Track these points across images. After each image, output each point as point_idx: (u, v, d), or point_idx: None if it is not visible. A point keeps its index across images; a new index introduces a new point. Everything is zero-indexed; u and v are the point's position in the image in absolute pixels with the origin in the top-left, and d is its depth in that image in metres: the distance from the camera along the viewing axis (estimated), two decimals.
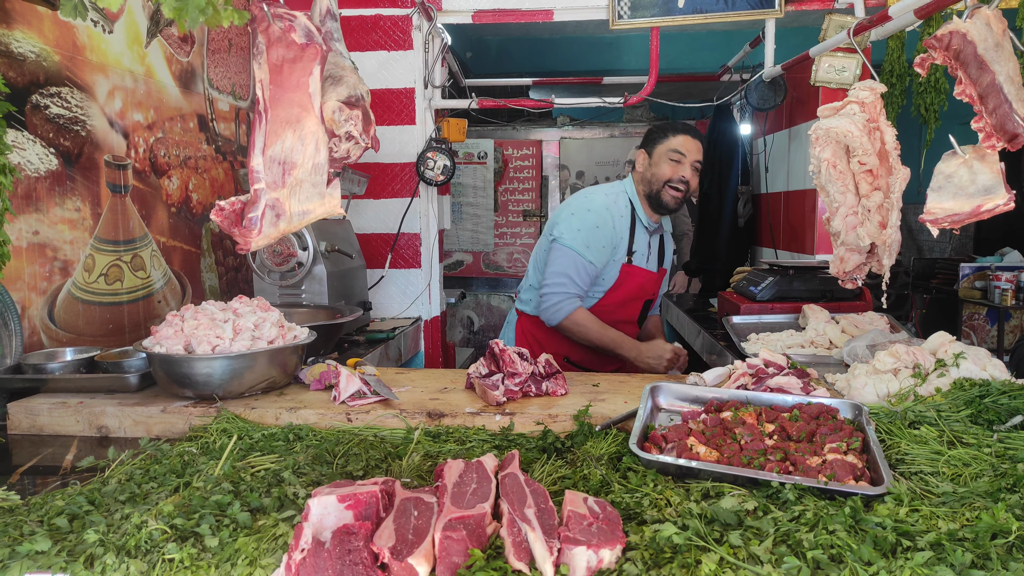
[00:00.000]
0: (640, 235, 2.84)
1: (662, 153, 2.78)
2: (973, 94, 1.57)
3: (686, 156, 2.75)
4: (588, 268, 2.73)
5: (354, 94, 1.47)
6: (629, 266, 2.79)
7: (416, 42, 3.89)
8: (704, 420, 1.55)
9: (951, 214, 1.63)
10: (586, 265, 2.73)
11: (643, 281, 2.85)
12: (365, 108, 1.50)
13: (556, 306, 2.74)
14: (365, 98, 1.51)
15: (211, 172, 3.17)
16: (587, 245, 2.72)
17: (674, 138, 2.78)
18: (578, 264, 2.73)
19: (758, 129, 5.10)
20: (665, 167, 2.76)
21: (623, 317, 2.84)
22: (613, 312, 2.81)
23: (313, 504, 1.08)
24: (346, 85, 1.46)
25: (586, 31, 6.38)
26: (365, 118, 1.49)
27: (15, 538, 1.15)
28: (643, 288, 2.86)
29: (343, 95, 1.45)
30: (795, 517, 1.14)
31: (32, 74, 2.14)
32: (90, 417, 1.83)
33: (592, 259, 2.73)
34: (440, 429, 1.68)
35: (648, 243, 2.87)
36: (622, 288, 2.81)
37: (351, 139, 1.46)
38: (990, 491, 1.23)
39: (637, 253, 2.82)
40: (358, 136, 1.47)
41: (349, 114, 1.44)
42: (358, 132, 1.46)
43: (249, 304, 2.02)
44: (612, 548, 1.02)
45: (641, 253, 2.83)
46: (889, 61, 3.57)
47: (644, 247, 2.85)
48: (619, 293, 2.81)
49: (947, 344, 1.88)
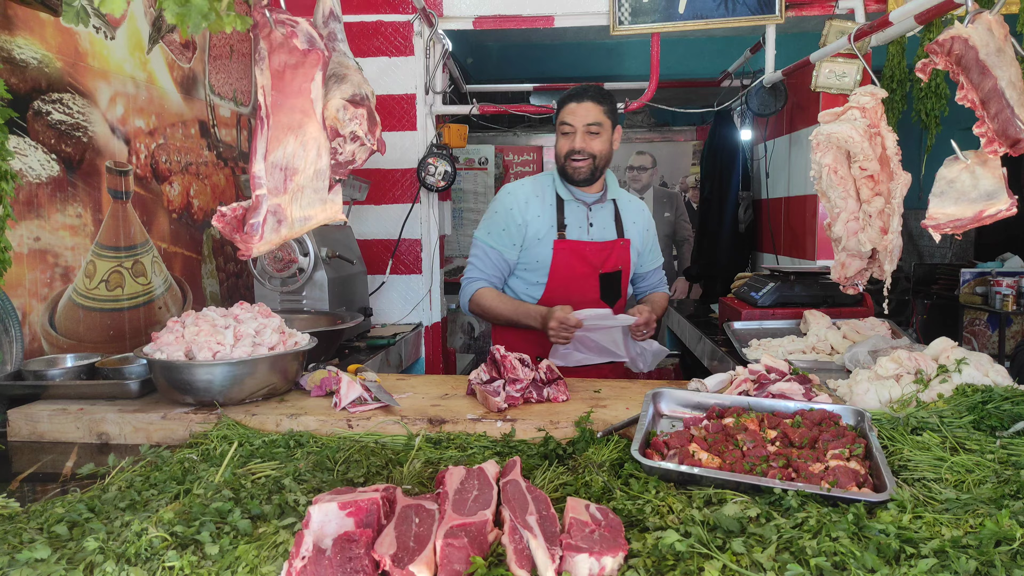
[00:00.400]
0: (572, 209, 2.74)
1: (557, 128, 2.73)
2: (975, 99, 1.57)
3: (575, 124, 2.64)
4: (489, 252, 2.73)
5: (359, 93, 1.46)
6: (562, 241, 2.70)
7: (417, 48, 3.90)
8: (706, 426, 1.54)
9: (953, 219, 1.63)
10: (486, 249, 2.73)
11: (587, 253, 2.73)
12: (370, 108, 1.49)
13: (464, 291, 2.79)
14: (370, 98, 1.50)
15: (212, 178, 3.17)
16: (488, 232, 2.75)
17: (563, 109, 2.69)
18: (478, 250, 2.76)
19: (759, 134, 5.10)
20: (560, 142, 2.70)
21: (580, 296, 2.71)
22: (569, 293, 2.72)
23: (314, 511, 1.07)
24: (351, 83, 1.46)
25: (587, 37, 6.41)
26: (371, 118, 1.49)
27: (15, 546, 1.15)
28: (589, 261, 2.74)
29: (347, 93, 1.44)
30: (798, 524, 1.14)
31: (34, 80, 2.14)
32: (90, 424, 1.82)
33: (493, 243, 2.72)
34: (441, 436, 1.67)
35: (588, 216, 2.76)
36: (564, 265, 2.73)
37: (356, 140, 1.46)
38: (994, 498, 1.22)
39: (570, 227, 2.73)
40: (363, 137, 1.46)
41: (354, 112, 1.43)
42: (363, 132, 1.45)
43: (250, 310, 2.02)
44: (614, 555, 1.02)
45: (578, 226, 2.74)
46: (890, 67, 3.57)
47: (581, 220, 2.75)
48: (563, 270, 2.73)
49: (949, 350, 1.88)
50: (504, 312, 2.67)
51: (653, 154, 6.48)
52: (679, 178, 7.23)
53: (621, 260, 2.82)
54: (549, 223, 2.72)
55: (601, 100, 2.67)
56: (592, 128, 2.64)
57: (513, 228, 2.71)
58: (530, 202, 2.73)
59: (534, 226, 2.71)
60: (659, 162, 6.81)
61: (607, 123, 2.68)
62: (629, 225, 2.85)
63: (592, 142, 2.65)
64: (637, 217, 2.90)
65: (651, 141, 7.13)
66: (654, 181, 6.48)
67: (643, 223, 2.91)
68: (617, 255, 2.80)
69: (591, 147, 2.65)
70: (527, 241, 2.72)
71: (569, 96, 2.69)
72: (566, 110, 2.67)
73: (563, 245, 2.71)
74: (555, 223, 2.72)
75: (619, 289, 2.83)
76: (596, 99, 2.67)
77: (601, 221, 2.80)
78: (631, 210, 2.90)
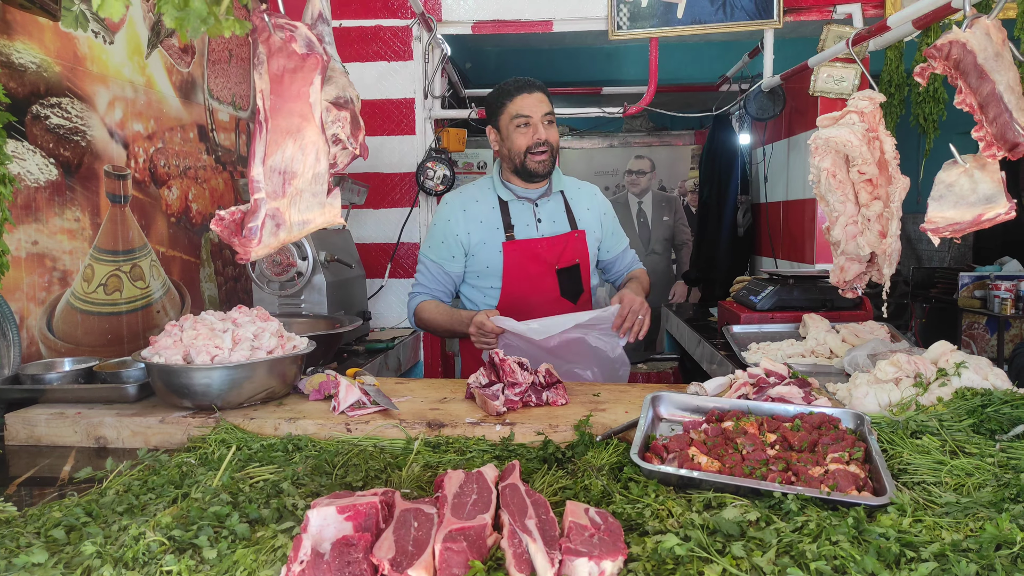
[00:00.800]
0: (518, 208, 2.65)
1: (507, 124, 2.58)
2: (973, 103, 1.57)
3: (532, 115, 2.53)
4: (430, 266, 2.67)
5: (343, 95, 1.46)
6: (511, 242, 2.60)
7: (416, 53, 3.91)
8: (705, 430, 1.54)
9: (952, 223, 1.63)
10: (427, 263, 2.68)
11: (539, 251, 2.63)
12: (354, 112, 1.49)
13: (408, 306, 2.73)
14: (354, 102, 1.50)
15: (211, 182, 3.17)
16: (428, 245, 2.70)
17: (511, 103, 2.56)
18: (421, 265, 2.72)
19: (757, 139, 5.11)
20: (517, 137, 2.56)
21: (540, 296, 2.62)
22: (526, 294, 2.63)
23: (312, 515, 1.07)
24: (335, 86, 1.46)
25: (585, 41, 6.42)
26: (354, 122, 1.48)
27: (11, 550, 1.14)
28: (543, 258, 2.63)
29: (331, 95, 1.44)
30: (798, 528, 1.14)
31: (33, 84, 2.14)
32: (88, 428, 1.82)
33: (433, 257, 2.66)
34: (440, 439, 1.67)
35: (535, 212, 2.66)
36: (516, 266, 2.62)
37: (338, 143, 1.45)
38: (994, 501, 1.22)
39: (518, 227, 2.63)
40: (345, 140, 1.45)
41: (336, 115, 1.43)
42: (345, 135, 1.45)
43: (248, 314, 2.02)
44: (614, 559, 1.02)
45: (525, 224, 2.64)
46: (887, 71, 3.58)
47: (529, 217, 2.65)
48: (516, 271, 2.62)
49: (948, 353, 1.88)
50: (440, 322, 2.59)
51: (652, 158, 6.49)
52: (678, 182, 7.23)
53: (578, 252, 2.70)
54: (494, 226, 2.63)
55: (546, 91, 2.61)
56: (548, 118, 2.56)
57: (451, 239, 2.63)
58: (468, 208, 2.65)
59: (477, 232, 2.62)
60: (658, 166, 6.82)
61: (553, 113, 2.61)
62: (582, 213, 2.74)
63: (550, 132, 2.57)
64: (590, 203, 2.79)
65: (650, 145, 7.14)
66: (653, 185, 6.48)
67: (597, 208, 2.80)
68: (573, 248, 2.69)
69: (550, 138, 2.56)
70: (473, 248, 2.63)
71: (518, 87, 2.57)
72: (519, 102, 2.54)
73: (512, 246, 2.61)
74: (501, 225, 2.63)
75: (579, 283, 2.71)
76: (543, 89, 2.60)
77: (550, 215, 2.70)
78: (581, 198, 2.79)
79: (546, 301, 2.60)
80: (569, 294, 2.67)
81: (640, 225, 6.27)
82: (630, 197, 6.31)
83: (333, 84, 1.51)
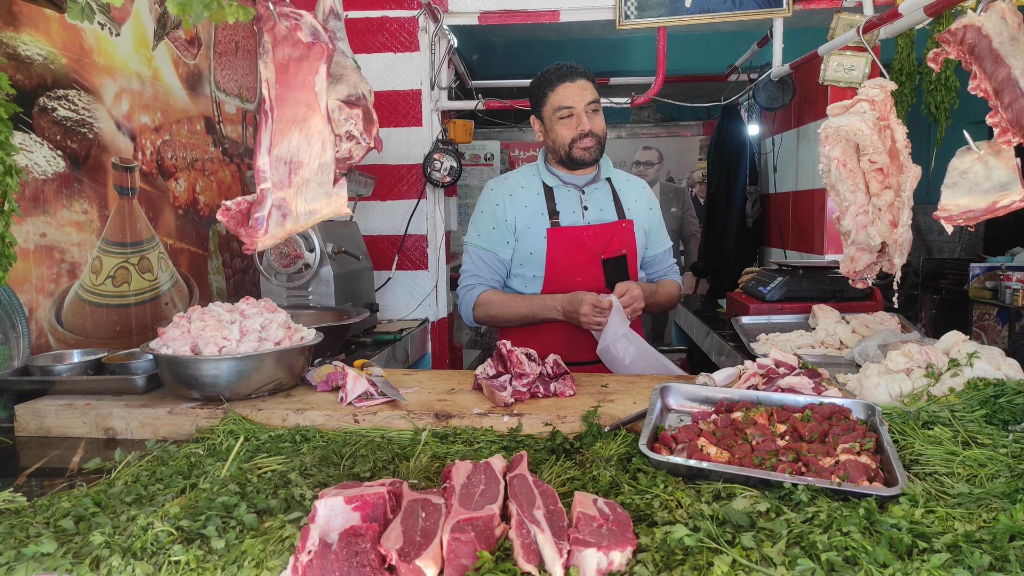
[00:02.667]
0: (563, 194, 2.59)
1: (550, 116, 2.53)
2: (988, 89, 1.55)
3: (575, 106, 2.47)
4: (483, 254, 2.59)
5: (354, 93, 1.45)
6: (556, 228, 2.54)
7: (422, 44, 3.89)
8: (715, 421, 1.53)
9: (966, 211, 1.61)
10: (480, 252, 2.60)
11: (584, 239, 2.55)
12: (367, 107, 1.48)
13: (463, 301, 2.63)
14: (367, 97, 1.49)
15: (218, 174, 3.17)
16: (478, 233, 2.61)
17: (554, 94, 2.50)
18: (473, 255, 2.62)
19: (766, 129, 5.07)
20: (561, 130, 2.51)
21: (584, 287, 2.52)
22: (570, 284, 2.54)
23: (320, 506, 1.07)
24: (346, 84, 1.45)
25: (592, 32, 6.38)
26: (367, 117, 1.48)
27: (21, 540, 1.15)
28: (588, 246, 2.55)
29: (343, 94, 1.43)
30: (808, 518, 1.13)
31: (39, 76, 2.14)
32: (97, 419, 1.82)
33: (485, 245, 2.58)
34: (448, 430, 1.66)
35: (581, 199, 2.60)
36: (560, 254, 2.55)
37: (351, 139, 1.45)
38: (1007, 492, 1.21)
39: (563, 213, 2.57)
40: (358, 136, 1.45)
41: (349, 113, 1.43)
42: (358, 132, 1.45)
43: (256, 305, 2.02)
44: (622, 550, 1.01)
45: (571, 211, 2.58)
46: (899, 59, 3.54)
47: (574, 204, 2.59)
48: (560, 259, 2.55)
49: (960, 343, 1.86)
50: (519, 310, 2.51)
51: (659, 149, 6.46)
52: (686, 173, 7.20)
53: (625, 242, 2.62)
54: (539, 211, 2.57)
55: (590, 76, 2.53)
56: (593, 106, 2.50)
57: (502, 224, 2.58)
58: (515, 194, 2.60)
59: (523, 217, 2.57)
60: (666, 157, 6.79)
61: (599, 99, 2.56)
62: (630, 204, 2.67)
63: (596, 121, 2.51)
64: (638, 195, 2.72)
65: (658, 136, 7.11)
66: (660, 176, 6.45)
67: (645, 201, 2.73)
68: (620, 237, 2.61)
69: (597, 127, 2.51)
70: (518, 234, 2.57)
71: (560, 76, 2.50)
72: (561, 93, 2.49)
73: (557, 233, 2.54)
74: (546, 210, 2.57)
75: (627, 274, 2.62)
76: (587, 76, 2.52)
77: (597, 203, 2.62)
78: (630, 189, 2.72)
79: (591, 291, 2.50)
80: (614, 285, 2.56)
81: None
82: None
83: (344, 82, 1.50)
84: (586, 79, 2.51)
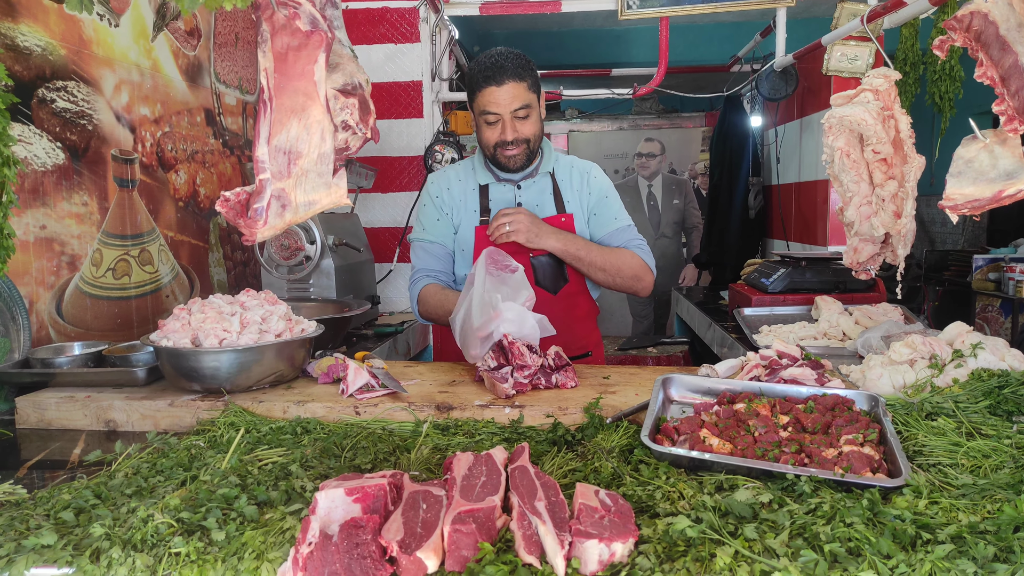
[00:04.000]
0: (498, 190, 2.45)
1: (477, 117, 2.34)
2: (995, 76, 1.53)
3: (501, 114, 2.25)
4: (429, 247, 2.47)
5: (350, 82, 1.44)
6: (483, 227, 2.41)
7: (423, 35, 3.87)
8: (717, 412, 1.52)
9: (971, 200, 1.60)
10: (426, 245, 2.48)
11: None
12: (363, 97, 1.47)
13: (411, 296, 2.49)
14: (363, 87, 1.48)
15: (218, 166, 3.16)
16: (423, 228, 2.50)
17: (480, 95, 2.26)
18: (419, 250, 2.50)
19: (769, 120, 5.05)
20: (486, 133, 2.33)
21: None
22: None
23: (321, 497, 1.06)
24: (342, 72, 1.44)
25: (594, 23, 6.35)
26: (363, 107, 1.46)
27: (21, 532, 1.14)
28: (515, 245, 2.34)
29: (338, 83, 1.42)
30: (811, 510, 1.12)
31: (38, 68, 2.13)
32: (98, 411, 1.82)
33: (431, 237, 2.47)
34: (449, 422, 1.66)
35: (516, 194, 2.44)
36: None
37: (348, 128, 1.44)
38: (1011, 483, 1.20)
39: (495, 210, 2.42)
40: (354, 126, 1.44)
41: (344, 102, 1.41)
42: (354, 121, 1.43)
43: (256, 297, 2.01)
44: (624, 541, 1.00)
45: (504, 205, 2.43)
46: (903, 49, 3.52)
47: (508, 202, 2.44)
48: None
49: (964, 334, 1.85)
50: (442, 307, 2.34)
51: (662, 141, 6.43)
52: (688, 165, 7.18)
53: None
54: (472, 208, 2.46)
55: (523, 74, 2.24)
56: (522, 112, 2.27)
57: (444, 217, 2.48)
58: (452, 187, 2.50)
59: (457, 213, 2.47)
60: (668, 149, 6.75)
61: (534, 98, 2.30)
62: (571, 195, 2.48)
63: (523, 127, 2.30)
64: (580, 184, 2.50)
65: (660, 127, 7.08)
66: (663, 168, 6.43)
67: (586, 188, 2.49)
68: None
69: (523, 133, 2.31)
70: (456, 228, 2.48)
71: (484, 78, 2.24)
72: (484, 97, 2.26)
73: (484, 231, 2.40)
74: (478, 207, 2.45)
75: (562, 272, 2.44)
76: (517, 75, 2.23)
77: (532, 198, 2.45)
78: (573, 178, 2.50)
79: None
80: (547, 284, 2.43)
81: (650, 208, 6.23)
82: (640, 180, 6.26)
83: (340, 71, 1.49)
84: (516, 80, 2.23)
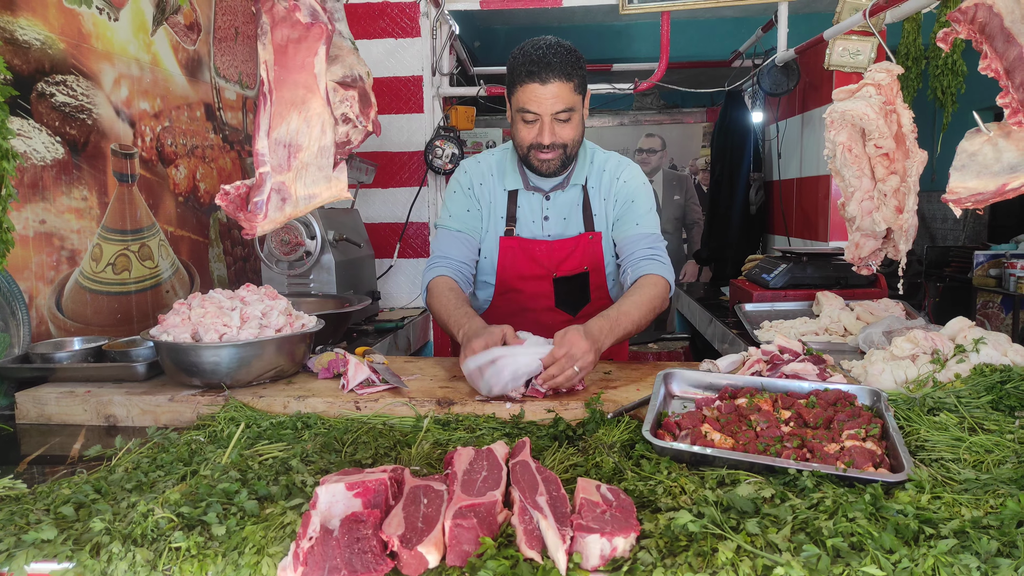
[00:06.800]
0: (526, 198, 2.27)
1: (514, 112, 2.13)
2: (999, 69, 1.52)
3: (541, 115, 2.05)
4: (454, 236, 2.29)
5: (350, 74, 1.43)
6: (509, 239, 2.25)
7: (424, 29, 3.86)
8: (719, 407, 1.52)
9: (975, 193, 1.59)
10: (450, 234, 2.29)
11: (537, 254, 2.24)
12: (364, 89, 1.46)
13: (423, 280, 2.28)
14: (364, 79, 1.47)
15: (218, 161, 3.15)
16: (449, 215, 2.32)
17: (521, 90, 2.05)
18: (443, 233, 2.32)
19: (770, 115, 5.04)
20: (522, 131, 2.13)
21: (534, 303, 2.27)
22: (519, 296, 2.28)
23: (321, 492, 1.06)
24: (342, 65, 1.43)
25: (595, 19, 6.33)
26: (364, 100, 1.45)
27: (21, 527, 1.14)
28: (539, 261, 2.24)
29: (337, 75, 1.41)
30: (813, 504, 1.12)
31: (37, 62, 2.12)
32: (98, 406, 1.82)
33: (459, 227, 2.28)
34: (450, 417, 1.65)
35: (543, 206, 2.26)
36: (511, 266, 2.27)
37: (348, 121, 1.43)
38: (1014, 478, 1.20)
39: (522, 220, 2.26)
40: (355, 119, 1.43)
41: (344, 95, 1.40)
42: (354, 114, 1.42)
43: (256, 292, 2.00)
44: (626, 536, 1.00)
45: (531, 220, 2.27)
46: (905, 44, 3.51)
47: (535, 212, 2.27)
48: (510, 271, 2.27)
49: (966, 329, 1.84)
50: (440, 312, 2.11)
51: (663, 136, 6.42)
52: (689, 160, 7.16)
53: (588, 259, 2.29)
54: (499, 213, 2.29)
55: (570, 73, 2.03)
56: (564, 115, 2.07)
57: (475, 209, 2.31)
58: (485, 183, 2.32)
59: (485, 214, 2.31)
60: (669, 144, 6.74)
61: (578, 100, 2.10)
62: (599, 207, 2.30)
63: (563, 131, 2.10)
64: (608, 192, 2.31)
65: (661, 123, 7.06)
66: (664, 163, 6.42)
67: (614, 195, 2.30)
68: (582, 253, 2.28)
69: (561, 137, 2.11)
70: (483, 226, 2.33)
71: (528, 73, 2.02)
72: (525, 93, 2.05)
73: (509, 243, 2.27)
74: (505, 214, 2.28)
75: (585, 293, 2.33)
76: (564, 74, 2.02)
77: (560, 211, 2.28)
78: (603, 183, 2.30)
79: (540, 309, 2.28)
80: (567, 305, 2.32)
81: None
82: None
83: (340, 63, 1.48)
84: (562, 79, 2.02)
